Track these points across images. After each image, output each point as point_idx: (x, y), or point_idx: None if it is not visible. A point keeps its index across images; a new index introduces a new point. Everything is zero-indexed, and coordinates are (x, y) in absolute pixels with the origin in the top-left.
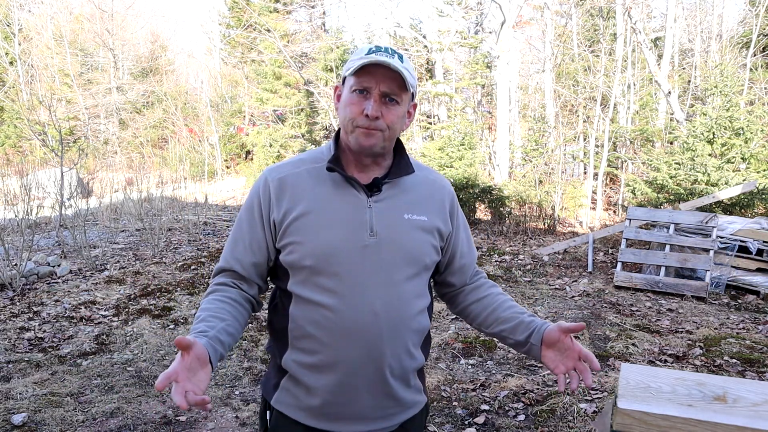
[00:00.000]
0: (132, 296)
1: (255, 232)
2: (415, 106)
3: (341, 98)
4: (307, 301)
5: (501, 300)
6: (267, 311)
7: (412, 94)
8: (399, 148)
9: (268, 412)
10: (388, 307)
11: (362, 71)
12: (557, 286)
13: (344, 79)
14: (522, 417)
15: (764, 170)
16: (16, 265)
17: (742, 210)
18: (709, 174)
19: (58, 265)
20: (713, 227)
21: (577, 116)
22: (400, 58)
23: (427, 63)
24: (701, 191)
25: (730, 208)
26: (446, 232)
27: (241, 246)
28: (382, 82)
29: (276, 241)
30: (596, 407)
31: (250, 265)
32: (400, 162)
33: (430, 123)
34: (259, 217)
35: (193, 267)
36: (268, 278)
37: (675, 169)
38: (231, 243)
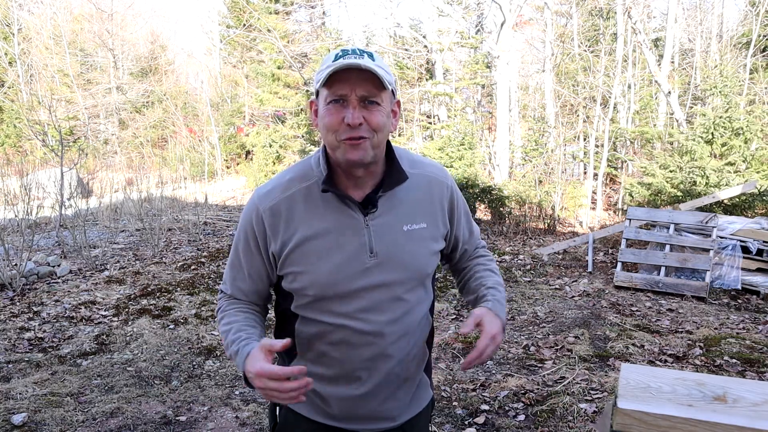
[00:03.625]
0: (132, 296)
1: (253, 263)
2: (398, 103)
3: (318, 113)
4: (313, 320)
5: (474, 270)
6: (274, 317)
7: (392, 91)
8: (388, 152)
9: (278, 407)
10: (393, 322)
11: (333, 79)
12: (557, 286)
13: (317, 92)
14: (522, 417)
15: (765, 171)
16: (16, 265)
17: (743, 211)
18: (707, 177)
19: (58, 265)
20: (713, 227)
21: (577, 116)
22: (371, 56)
23: (427, 63)
24: (700, 192)
25: (731, 209)
26: (446, 231)
27: (240, 276)
28: (357, 86)
29: (277, 270)
30: (596, 407)
31: (252, 293)
32: (391, 170)
33: (430, 123)
34: (256, 248)
35: (193, 267)
36: (272, 292)
37: (672, 171)
38: (231, 270)
